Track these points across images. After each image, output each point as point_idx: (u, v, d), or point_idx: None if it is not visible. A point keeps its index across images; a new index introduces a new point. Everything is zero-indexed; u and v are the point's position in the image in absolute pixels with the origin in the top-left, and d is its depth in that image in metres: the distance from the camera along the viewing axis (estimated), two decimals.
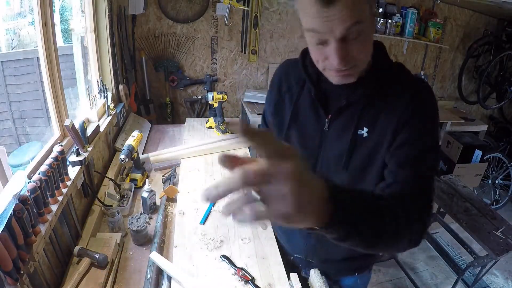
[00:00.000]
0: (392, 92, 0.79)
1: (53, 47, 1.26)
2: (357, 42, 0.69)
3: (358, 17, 0.65)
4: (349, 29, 0.66)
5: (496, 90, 3.56)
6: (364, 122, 0.81)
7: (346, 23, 0.65)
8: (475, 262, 1.91)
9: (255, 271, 1.08)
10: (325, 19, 0.65)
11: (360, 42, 0.69)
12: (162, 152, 1.81)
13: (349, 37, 0.68)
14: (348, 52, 0.69)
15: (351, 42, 0.68)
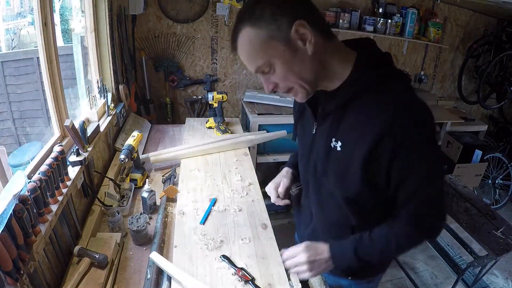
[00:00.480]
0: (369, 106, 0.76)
1: (53, 47, 1.26)
2: (275, 74, 0.76)
3: (259, 64, 0.75)
4: (257, 71, 0.77)
5: (496, 90, 3.56)
6: (339, 135, 0.82)
7: (251, 67, 0.77)
8: (475, 262, 1.90)
9: (255, 271, 1.08)
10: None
11: (275, 75, 0.77)
12: (162, 152, 1.81)
13: (264, 72, 0.77)
14: (271, 81, 0.79)
15: (270, 75, 0.77)
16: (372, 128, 0.74)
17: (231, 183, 1.58)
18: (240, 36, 0.74)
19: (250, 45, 0.74)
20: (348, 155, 0.80)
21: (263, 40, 0.72)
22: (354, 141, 0.78)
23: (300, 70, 0.76)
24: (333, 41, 0.78)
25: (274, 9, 0.71)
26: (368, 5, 3.02)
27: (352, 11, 2.86)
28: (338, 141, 0.82)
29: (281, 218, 2.93)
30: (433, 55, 3.43)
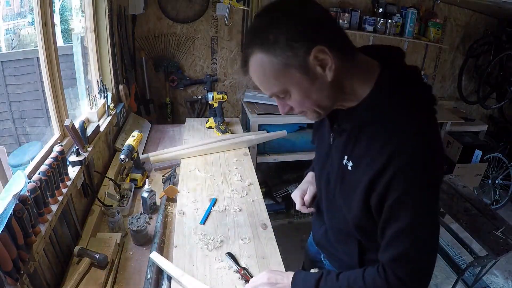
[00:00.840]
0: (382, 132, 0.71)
1: (53, 47, 1.26)
2: (290, 99, 0.73)
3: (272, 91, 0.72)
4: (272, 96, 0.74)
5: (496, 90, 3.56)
6: (351, 155, 0.78)
7: (266, 93, 0.73)
8: (475, 262, 1.90)
9: (255, 271, 1.08)
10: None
11: (294, 100, 0.73)
12: (162, 152, 1.81)
13: (279, 97, 0.74)
14: (285, 105, 0.76)
15: (286, 100, 0.74)
16: (379, 157, 0.70)
17: (231, 183, 1.58)
18: (251, 61, 0.69)
19: (262, 72, 0.69)
20: (356, 177, 0.76)
21: (278, 69, 0.67)
22: (363, 164, 0.74)
23: (318, 98, 0.71)
24: (355, 58, 0.72)
25: (290, 35, 0.65)
26: (368, 5, 3.02)
27: (352, 11, 2.86)
28: (350, 160, 0.78)
29: (281, 218, 2.93)
30: (433, 55, 3.43)
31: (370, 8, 3.02)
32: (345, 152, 0.79)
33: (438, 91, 3.65)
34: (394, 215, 0.71)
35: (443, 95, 3.68)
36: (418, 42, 3.16)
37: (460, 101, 3.63)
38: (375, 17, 2.91)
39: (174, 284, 1.03)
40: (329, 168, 0.89)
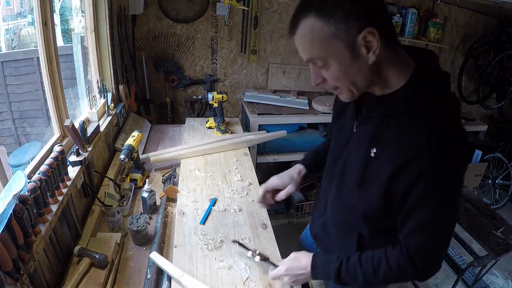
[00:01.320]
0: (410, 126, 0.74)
1: (53, 47, 1.26)
2: (328, 71, 0.74)
3: (313, 55, 0.73)
4: (309, 61, 0.75)
5: (496, 90, 3.56)
6: (376, 142, 0.80)
7: (304, 56, 0.75)
8: (475, 262, 1.90)
9: (255, 271, 1.08)
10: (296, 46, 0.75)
11: (328, 72, 0.74)
12: (162, 152, 1.81)
13: (317, 65, 0.74)
14: (320, 75, 0.76)
15: (322, 69, 0.75)
16: (408, 149, 0.73)
17: (231, 183, 1.58)
18: (302, 23, 0.70)
19: (311, 36, 0.70)
20: (380, 163, 0.79)
21: (327, 37, 0.69)
22: (389, 153, 0.77)
23: (355, 76, 0.74)
24: (396, 49, 0.75)
25: (349, 9, 0.66)
26: None
27: None
28: (374, 147, 0.80)
29: (281, 218, 2.93)
30: None
31: None
32: (370, 139, 0.81)
33: None
34: (423, 205, 0.75)
35: None
36: (418, 42, 3.15)
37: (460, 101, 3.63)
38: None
39: (174, 284, 1.03)
40: (346, 155, 0.92)
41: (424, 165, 0.71)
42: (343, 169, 0.94)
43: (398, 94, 0.76)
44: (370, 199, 0.83)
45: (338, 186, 0.97)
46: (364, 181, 0.84)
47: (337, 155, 0.97)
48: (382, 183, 0.78)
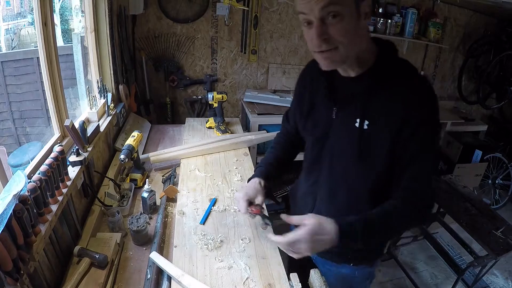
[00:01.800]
0: (396, 91, 0.85)
1: (53, 47, 1.26)
2: (336, 24, 0.78)
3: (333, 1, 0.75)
4: (325, 9, 0.76)
5: (496, 90, 3.56)
6: (366, 115, 0.88)
7: (321, 2, 0.75)
8: (475, 262, 1.91)
9: (255, 271, 1.08)
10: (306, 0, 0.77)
11: (339, 25, 0.78)
12: (162, 152, 1.81)
13: (328, 19, 0.78)
14: (326, 32, 0.79)
15: (330, 24, 0.78)
16: (402, 109, 0.83)
17: (231, 183, 1.58)
18: None
19: None
20: (376, 133, 0.87)
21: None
22: (383, 120, 0.86)
23: (355, 36, 0.81)
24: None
25: None
26: None
27: None
28: (365, 120, 0.88)
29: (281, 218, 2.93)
30: (433, 55, 3.43)
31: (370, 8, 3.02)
32: (356, 114, 0.89)
33: (438, 91, 3.63)
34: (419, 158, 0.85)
35: (443, 95, 3.68)
36: (418, 42, 3.15)
37: (460, 101, 3.63)
38: (375, 17, 2.91)
39: (174, 284, 1.03)
40: (332, 141, 0.98)
41: (418, 121, 0.82)
42: (331, 156, 0.99)
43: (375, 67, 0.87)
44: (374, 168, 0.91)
45: (330, 175, 1.01)
46: (362, 154, 0.90)
47: (320, 147, 1.02)
48: (385, 147, 0.86)
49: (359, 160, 0.91)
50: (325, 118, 0.98)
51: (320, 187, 1.06)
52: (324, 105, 0.99)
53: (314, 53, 0.85)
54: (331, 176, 1.02)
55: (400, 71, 0.87)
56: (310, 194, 1.10)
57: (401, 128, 0.83)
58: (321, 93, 0.99)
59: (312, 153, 1.06)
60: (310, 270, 1.07)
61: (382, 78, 0.85)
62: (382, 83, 0.86)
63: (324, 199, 1.06)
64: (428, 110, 0.84)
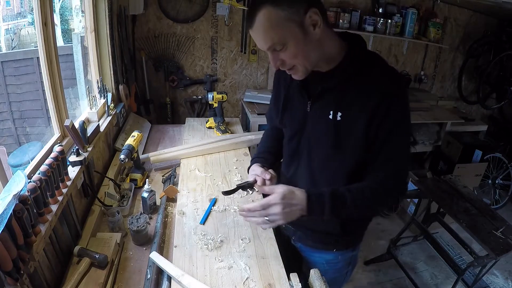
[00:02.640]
0: (366, 82, 0.90)
1: (53, 47, 1.26)
2: (284, 52, 0.85)
3: (274, 40, 0.83)
4: (270, 48, 0.85)
5: (496, 90, 3.56)
6: (339, 107, 0.93)
7: (266, 44, 0.85)
8: (475, 262, 1.90)
9: (255, 271, 1.08)
10: (254, 39, 0.87)
11: (286, 52, 0.85)
12: (162, 152, 1.81)
13: (276, 49, 0.85)
14: (278, 58, 0.87)
15: (280, 52, 0.85)
16: (372, 97, 0.88)
17: (231, 183, 1.57)
18: (259, 14, 0.81)
19: (269, 23, 0.81)
20: (349, 122, 0.92)
21: (282, 21, 0.81)
22: (355, 110, 0.90)
23: (308, 51, 0.86)
24: (331, 30, 0.91)
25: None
26: (368, 5, 3.02)
27: (352, 11, 2.86)
28: (338, 112, 0.93)
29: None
30: (433, 55, 3.43)
31: (370, 8, 3.03)
32: (329, 107, 0.94)
33: (438, 91, 3.65)
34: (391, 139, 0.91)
35: (443, 95, 3.68)
36: (418, 42, 3.16)
37: (460, 101, 3.63)
38: (375, 17, 2.92)
39: (174, 284, 1.03)
40: (308, 132, 1.02)
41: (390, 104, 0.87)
42: (309, 147, 1.04)
43: (345, 62, 0.91)
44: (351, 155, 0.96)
45: (308, 163, 1.06)
46: (338, 143, 0.95)
47: (298, 140, 1.07)
48: (359, 135, 0.91)
49: (335, 149, 0.97)
50: (301, 111, 1.02)
51: (301, 177, 1.10)
52: (298, 99, 1.03)
53: None
54: (310, 166, 1.06)
55: (369, 63, 0.91)
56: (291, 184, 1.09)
57: (373, 116, 0.88)
58: (295, 88, 1.04)
59: (291, 145, 1.11)
60: (310, 270, 1.07)
61: (352, 72, 0.90)
62: (353, 76, 0.90)
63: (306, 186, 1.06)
64: (398, 97, 0.89)
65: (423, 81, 3.44)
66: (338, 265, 1.23)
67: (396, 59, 3.34)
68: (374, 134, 0.91)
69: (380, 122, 0.89)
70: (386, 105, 0.87)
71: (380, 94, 0.88)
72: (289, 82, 1.06)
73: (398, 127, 0.91)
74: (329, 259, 1.20)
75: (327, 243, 1.18)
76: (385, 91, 0.88)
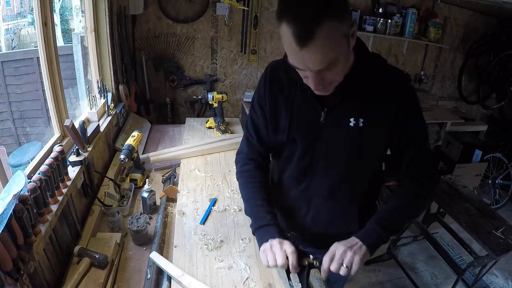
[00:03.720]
0: (381, 85, 0.89)
1: (53, 47, 1.26)
2: (332, 71, 0.78)
3: (331, 58, 0.74)
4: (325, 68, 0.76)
5: (496, 90, 3.56)
6: (360, 113, 0.91)
7: (321, 65, 0.74)
8: (475, 262, 1.90)
9: (255, 271, 1.08)
10: (301, 58, 0.75)
11: (334, 71, 0.79)
12: (162, 152, 1.81)
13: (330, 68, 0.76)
14: (323, 79, 0.80)
15: (327, 72, 0.78)
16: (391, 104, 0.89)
17: (231, 183, 1.57)
18: (321, 30, 0.68)
19: (332, 41, 0.71)
20: (371, 128, 0.91)
21: (341, 36, 0.73)
22: (378, 114, 0.90)
23: (347, 65, 0.84)
24: None
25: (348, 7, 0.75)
26: (368, 5, 3.02)
27: (352, 11, 2.86)
28: (360, 118, 0.91)
29: None
30: (433, 55, 3.43)
31: (370, 8, 3.02)
32: (351, 114, 0.91)
33: (438, 91, 3.65)
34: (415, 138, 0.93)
35: (443, 95, 3.68)
36: (418, 42, 3.16)
37: (460, 101, 3.63)
38: (375, 17, 2.92)
39: (174, 284, 1.03)
40: (323, 146, 0.98)
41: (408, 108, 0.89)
42: (327, 158, 0.99)
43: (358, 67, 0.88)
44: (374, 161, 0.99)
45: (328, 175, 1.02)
46: (362, 151, 0.94)
47: (312, 153, 1.00)
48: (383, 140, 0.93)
49: (360, 156, 0.95)
50: (313, 123, 0.96)
51: (317, 190, 1.06)
52: (308, 110, 0.96)
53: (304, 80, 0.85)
54: (329, 177, 1.03)
55: (377, 66, 0.91)
56: (303, 198, 1.10)
57: (396, 118, 0.89)
58: (300, 99, 0.96)
59: (304, 160, 1.02)
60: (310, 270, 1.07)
61: (366, 76, 0.89)
62: (368, 81, 0.89)
63: (325, 198, 1.07)
64: (413, 98, 0.92)
65: (423, 81, 3.44)
66: None
67: (396, 59, 3.34)
68: (399, 134, 0.92)
69: (403, 126, 0.91)
70: (406, 104, 0.90)
71: (398, 95, 0.89)
72: (289, 94, 0.97)
73: (420, 128, 0.94)
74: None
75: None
76: (402, 90, 0.90)
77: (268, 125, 1.04)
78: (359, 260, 0.90)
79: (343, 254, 0.91)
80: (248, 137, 1.11)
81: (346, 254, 0.90)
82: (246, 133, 1.13)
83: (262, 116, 1.05)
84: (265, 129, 1.06)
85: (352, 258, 0.90)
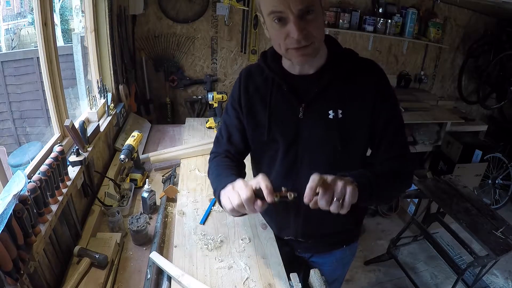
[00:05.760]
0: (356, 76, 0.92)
1: (53, 47, 1.26)
2: (313, 20, 0.81)
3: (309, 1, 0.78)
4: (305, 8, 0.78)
5: (496, 90, 3.56)
6: (338, 105, 0.92)
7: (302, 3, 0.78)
8: (475, 262, 1.90)
9: (255, 271, 1.08)
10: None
11: (315, 21, 0.81)
12: (162, 152, 1.81)
13: (305, 16, 0.80)
14: (305, 27, 0.80)
15: (307, 20, 0.80)
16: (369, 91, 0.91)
17: None
18: None
19: None
20: (351, 117, 0.92)
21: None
22: (356, 103, 0.92)
23: (323, 30, 0.87)
24: None
25: None
26: (368, 5, 3.02)
27: (352, 11, 2.86)
28: (338, 109, 0.92)
29: None
30: (433, 55, 3.43)
31: (370, 8, 3.02)
32: (329, 107, 0.93)
33: (438, 91, 3.65)
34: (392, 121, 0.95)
35: (443, 95, 3.67)
36: (418, 42, 3.16)
37: (460, 101, 3.63)
38: (375, 17, 2.91)
39: (174, 284, 1.03)
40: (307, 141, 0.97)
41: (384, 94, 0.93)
42: (310, 153, 0.99)
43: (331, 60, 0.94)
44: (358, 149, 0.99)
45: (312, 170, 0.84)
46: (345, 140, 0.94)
47: (295, 150, 0.99)
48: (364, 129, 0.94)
49: (342, 147, 0.95)
50: (292, 120, 0.96)
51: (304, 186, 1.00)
52: (287, 108, 0.96)
53: (288, 50, 0.85)
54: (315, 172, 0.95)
55: (351, 58, 0.95)
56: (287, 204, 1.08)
57: (374, 104, 0.92)
58: (277, 96, 0.96)
59: (288, 159, 1.01)
60: (310, 270, 1.07)
61: (341, 68, 0.92)
62: (343, 73, 0.92)
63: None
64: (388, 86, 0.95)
65: (423, 81, 3.44)
66: (346, 259, 1.25)
67: (396, 59, 3.34)
68: (377, 120, 0.94)
69: (381, 113, 0.93)
70: (381, 91, 0.92)
71: (374, 83, 0.92)
72: (266, 93, 0.98)
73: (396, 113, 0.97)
74: (339, 257, 1.22)
75: (338, 242, 1.19)
76: (376, 79, 0.93)
77: (247, 125, 1.04)
78: (352, 191, 0.74)
79: (333, 183, 0.74)
80: (218, 137, 1.15)
81: (336, 183, 0.74)
82: (217, 134, 1.16)
83: (235, 117, 1.05)
84: (236, 130, 1.07)
85: (343, 188, 0.73)
